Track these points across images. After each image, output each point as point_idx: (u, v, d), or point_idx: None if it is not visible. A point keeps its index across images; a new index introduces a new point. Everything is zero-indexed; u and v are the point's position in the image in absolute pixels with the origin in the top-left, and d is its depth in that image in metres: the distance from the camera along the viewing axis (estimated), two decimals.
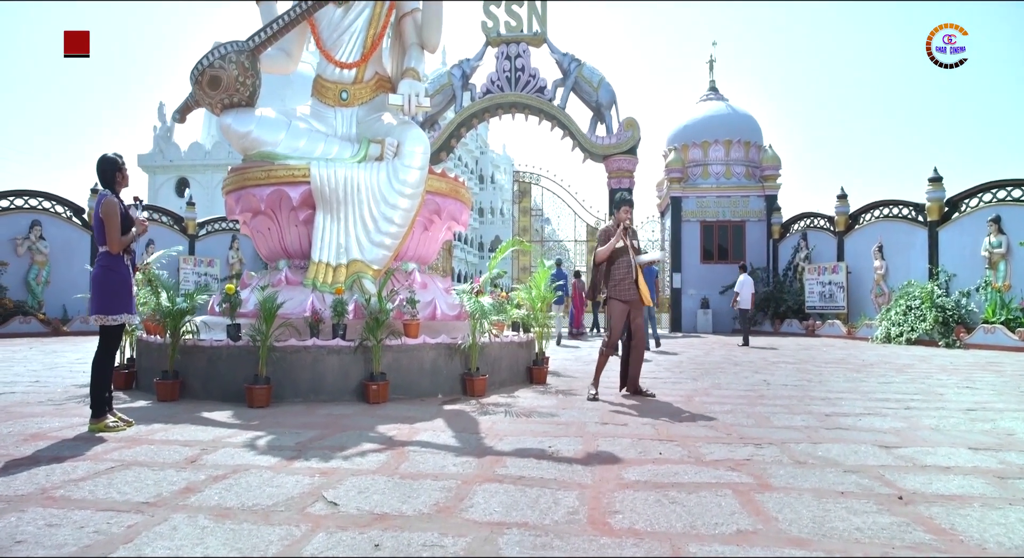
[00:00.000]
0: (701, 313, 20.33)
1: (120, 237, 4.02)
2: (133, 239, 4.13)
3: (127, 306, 4.06)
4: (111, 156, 4.17)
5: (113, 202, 4.03)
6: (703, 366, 8.37)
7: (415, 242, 6.74)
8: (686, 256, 20.52)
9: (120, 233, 4.02)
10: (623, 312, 5.40)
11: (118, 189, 4.19)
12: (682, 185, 20.33)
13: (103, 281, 4.01)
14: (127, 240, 4.07)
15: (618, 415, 4.56)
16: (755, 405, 5.02)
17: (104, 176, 4.14)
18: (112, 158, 4.17)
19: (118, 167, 4.17)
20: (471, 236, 65.34)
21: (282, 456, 3.22)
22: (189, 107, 6.85)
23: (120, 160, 4.21)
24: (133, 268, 4.19)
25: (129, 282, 4.09)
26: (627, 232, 5.53)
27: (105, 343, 4.03)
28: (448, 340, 5.58)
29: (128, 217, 4.12)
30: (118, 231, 4.01)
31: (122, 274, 4.07)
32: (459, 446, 3.50)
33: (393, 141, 6.28)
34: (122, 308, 4.03)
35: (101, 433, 3.81)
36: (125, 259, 4.10)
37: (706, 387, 6.12)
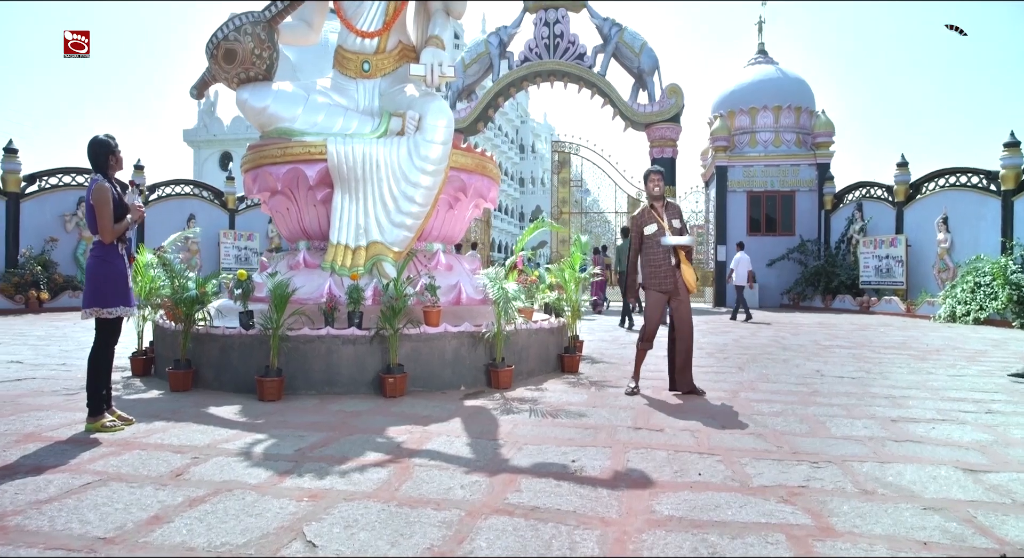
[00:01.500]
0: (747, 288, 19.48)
1: (113, 225, 3.73)
2: (128, 227, 3.84)
3: (123, 298, 3.80)
4: (103, 138, 3.87)
5: (105, 188, 3.74)
6: (750, 351, 7.82)
7: (439, 221, 6.35)
8: (732, 228, 19.64)
9: (113, 221, 3.73)
10: (660, 302, 4.90)
11: (111, 173, 3.90)
12: (728, 154, 19.34)
13: (97, 272, 3.76)
14: (121, 228, 3.78)
15: (654, 416, 4.13)
16: (808, 404, 4.51)
17: (96, 159, 3.85)
18: (104, 140, 3.87)
19: (111, 150, 3.87)
20: (511, 206, 64.87)
21: (275, 470, 2.93)
22: (206, 82, 6.56)
23: (112, 142, 3.90)
24: (129, 258, 3.92)
25: (125, 273, 3.83)
26: (666, 209, 4.99)
27: (101, 338, 3.79)
28: (471, 328, 5.22)
29: (122, 204, 3.84)
30: (111, 219, 3.72)
31: (117, 265, 3.80)
32: (472, 458, 3.15)
33: (415, 114, 5.85)
34: (118, 301, 3.77)
35: (97, 433, 3.60)
36: (120, 248, 3.82)
37: (752, 380, 5.61)
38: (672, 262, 4.87)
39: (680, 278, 4.86)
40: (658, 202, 5.00)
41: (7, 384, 5.29)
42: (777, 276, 19.51)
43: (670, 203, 5.07)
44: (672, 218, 4.99)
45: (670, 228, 4.92)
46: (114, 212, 3.74)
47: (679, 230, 4.97)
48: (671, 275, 4.84)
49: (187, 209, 19.83)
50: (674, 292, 4.86)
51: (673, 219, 4.99)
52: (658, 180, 4.97)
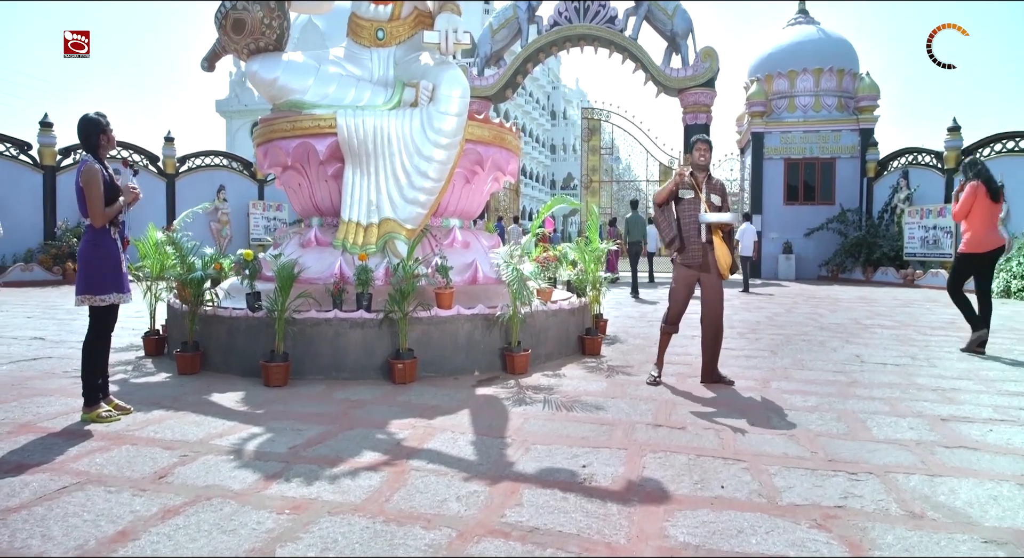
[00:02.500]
0: (783, 258, 18.83)
1: (104, 209, 3.54)
2: (120, 210, 3.64)
3: (116, 285, 3.63)
4: (92, 116, 3.65)
5: (95, 169, 3.53)
6: (784, 330, 7.41)
7: (456, 196, 6.06)
8: (768, 197, 18.87)
9: (104, 204, 3.53)
10: (687, 281, 4.54)
11: (102, 154, 3.69)
12: (764, 119, 18.46)
13: (88, 258, 3.59)
14: (112, 212, 3.59)
15: (677, 410, 3.84)
16: (847, 397, 4.16)
17: (87, 140, 3.64)
18: (94, 118, 3.65)
19: (101, 128, 3.65)
20: (542, 173, 64.07)
21: (263, 472, 2.75)
22: (217, 54, 6.33)
23: (103, 120, 3.68)
24: (123, 241, 3.74)
25: (117, 258, 3.65)
26: (708, 181, 4.58)
27: (95, 326, 3.65)
28: (486, 310, 4.97)
29: (113, 185, 3.63)
30: (101, 202, 3.52)
31: (109, 249, 3.62)
32: (473, 461, 2.92)
33: (428, 84, 5.52)
34: (110, 287, 3.60)
35: (93, 424, 3.48)
36: (112, 232, 3.64)
37: (786, 366, 5.25)
38: (704, 237, 4.49)
39: (712, 255, 4.49)
40: (701, 173, 4.59)
41: (22, 364, 5.26)
42: (815, 247, 18.76)
43: (714, 178, 4.66)
44: (713, 193, 4.57)
45: (708, 203, 4.51)
46: (104, 194, 3.54)
47: (717, 207, 4.57)
48: (701, 252, 4.47)
49: (217, 180, 19.91)
50: (703, 268, 4.50)
51: (713, 194, 4.57)
52: (705, 150, 4.53)
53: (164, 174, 19.25)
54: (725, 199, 4.61)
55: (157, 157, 19.21)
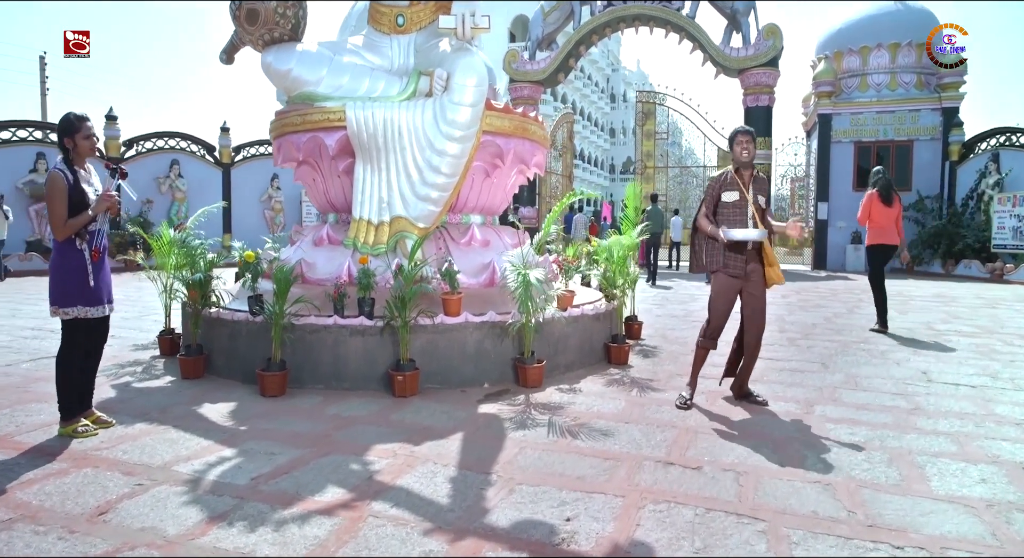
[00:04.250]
0: (851, 249, 17.53)
1: (66, 220, 3.25)
2: (87, 221, 3.31)
3: (80, 298, 3.35)
4: (64, 117, 3.37)
5: (55, 176, 3.25)
6: (842, 335, 6.69)
7: (475, 191, 5.68)
8: (835, 183, 17.58)
9: (64, 215, 3.24)
10: (728, 289, 3.99)
11: (76, 159, 3.38)
12: (833, 100, 17.13)
13: (52, 269, 3.37)
14: (76, 224, 3.28)
15: (697, 442, 3.36)
16: (905, 430, 3.57)
17: (59, 143, 3.38)
18: (63, 119, 3.36)
19: (68, 131, 3.33)
20: (601, 158, 62.94)
21: (210, 511, 2.48)
22: (235, 46, 6.16)
23: (75, 122, 3.34)
24: (93, 252, 3.37)
25: (81, 270, 3.34)
26: (754, 181, 4.02)
27: (64, 338, 3.42)
28: (496, 317, 4.59)
29: (80, 194, 3.32)
30: (62, 214, 3.24)
31: (72, 262, 3.33)
32: (444, 505, 2.57)
33: (442, 73, 5.14)
34: (74, 300, 3.34)
35: (70, 437, 3.33)
36: (78, 243, 3.32)
37: (836, 384, 4.64)
38: (749, 244, 3.95)
39: (755, 265, 3.95)
40: (746, 170, 4.03)
41: (41, 363, 5.28)
42: None
43: (760, 175, 4.08)
44: (758, 193, 4.02)
45: (754, 204, 3.96)
46: (71, 203, 3.26)
47: (763, 210, 4.03)
48: (744, 260, 3.94)
49: (271, 169, 20.25)
50: (746, 278, 3.97)
51: (759, 194, 4.03)
52: (746, 143, 3.93)
53: (220, 163, 19.74)
54: (769, 199, 4.06)
55: (213, 147, 19.69)
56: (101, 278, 3.46)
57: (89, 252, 3.37)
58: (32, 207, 16.13)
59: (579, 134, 55.70)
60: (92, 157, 3.52)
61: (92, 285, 3.38)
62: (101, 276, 3.46)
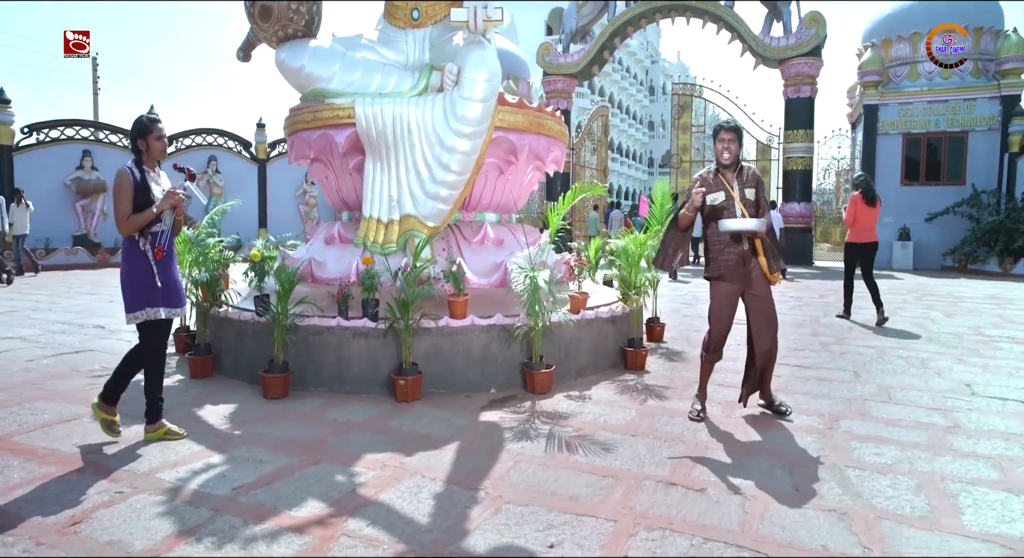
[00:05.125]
0: (899, 246, 16.75)
1: (131, 217, 3.18)
2: (149, 219, 3.22)
3: (149, 299, 3.28)
4: (137, 119, 3.31)
5: (123, 173, 3.21)
6: (879, 340, 6.30)
7: (489, 189, 5.54)
8: (882, 177, 16.77)
9: (128, 212, 3.18)
10: (727, 299, 3.75)
11: (147, 161, 3.33)
12: (880, 90, 16.34)
13: (121, 276, 3.32)
14: (139, 221, 3.19)
15: (704, 460, 3.14)
16: (939, 451, 3.27)
17: (132, 144, 3.34)
18: (136, 121, 3.30)
19: (140, 132, 3.28)
20: (639, 151, 62.07)
21: (182, 524, 2.40)
22: (252, 44, 6.12)
23: (149, 124, 3.29)
24: (156, 251, 3.29)
25: (146, 271, 3.27)
26: (739, 175, 3.76)
27: (140, 340, 3.40)
28: (503, 320, 4.43)
29: (145, 191, 3.24)
30: (126, 210, 3.18)
31: (137, 263, 3.27)
32: (423, 525, 2.43)
33: (453, 67, 4.99)
34: (142, 302, 3.27)
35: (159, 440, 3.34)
36: (141, 243, 3.25)
37: (867, 396, 4.33)
38: (744, 246, 3.69)
39: (755, 267, 3.70)
40: (729, 170, 3.77)
41: (62, 358, 5.37)
42: (939, 233, 16.53)
43: (746, 168, 3.80)
44: (745, 187, 3.73)
45: (741, 200, 3.70)
46: (135, 201, 3.20)
47: (753, 204, 3.74)
48: (740, 263, 3.68)
49: None
50: (747, 284, 3.72)
51: (746, 188, 3.73)
52: (729, 141, 3.68)
53: (256, 159, 20.08)
54: (761, 192, 3.76)
55: (249, 143, 20.04)
56: (169, 280, 3.36)
57: (152, 251, 3.28)
58: (78, 203, 16.69)
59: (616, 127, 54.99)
60: (163, 158, 3.49)
61: (159, 285, 3.29)
62: (169, 278, 3.37)
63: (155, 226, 3.30)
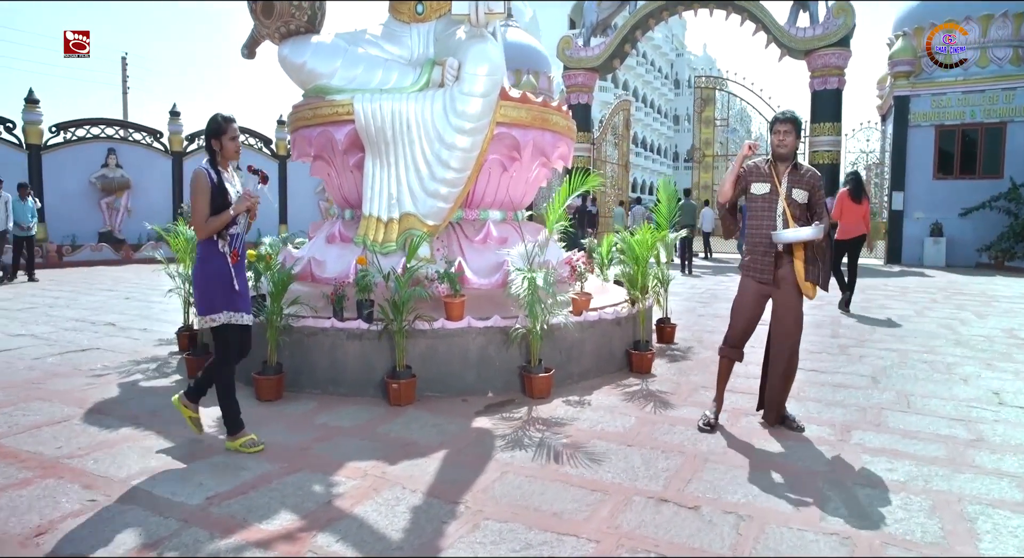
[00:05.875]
0: (931, 242, 16.16)
1: (208, 218, 3.09)
2: (226, 221, 3.13)
3: (226, 302, 3.19)
4: (212, 118, 3.21)
5: (199, 174, 3.11)
6: (903, 343, 6.01)
7: (492, 186, 5.40)
8: (913, 171, 16.23)
9: (206, 214, 3.09)
10: (754, 298, 3.53)
11: (219, 159, 3.22)
12: (911, 80, 15.76)
13: (196, 278, 3.24)
14: (216, 223, 3.10)
15: (703, 474, 2.97)
16: (959, 468, 3.05)
17: (206, 143, 3.27)
18: (211, 120, 3.21)
19: (215, 132, 3.18)
20: (664, 145, 61.36)
21: (145, 538, 2.33)
22: (256, 40, 6.07)
23: (224, 123, 3.19)
24: (232, 254, 3.19)
25: (224, 274, 3.18)
26: (791, 173, 3.48)
27: (218, 349, 3.31)
28: (501, 322, 4.30)
29: (222, 193, 3.15)
30: (203, 211, 3.08)
31: (214, 266, 3.17)
32: (394, 542, 2.31)
33: (454, 62, 4.86)
34: (220, 306, 3.18)
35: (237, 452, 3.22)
36: (220, 245, 3.16)
37: (884, 404, 4.10)
38: (778, 246, 3.47)
39: (787, 271, 3.48)
40: (783, 163, 3.51)
41: (67, 356, 5.38)
42: (973, 229, 15.90)
43: (806, 169, 3.53)
44: (795, 186, 3.46)
45: (787, 200, 3.45)
46: (213, 202, 3.10)
47: (801, 206, 3.46)
48: (771, 263, 3.46)
49: None
50: (776, 285, 3.50)
51: (796, 188, 3.45)
52: (784, 133, 3.43)
53: (277, 155, 20.22)
54: (815, 195, 3.48)
55: (270, 139, 20.20)
56: (243, 284, 3.29)
57: (229, 253, 3.20)
58: (103, 200, 16.96)
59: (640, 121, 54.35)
60: (236, 159, 3.42)
61: (236, 288, 3.22)
62: (243, 282, 3.30)
63: (231, 228, 3.20)
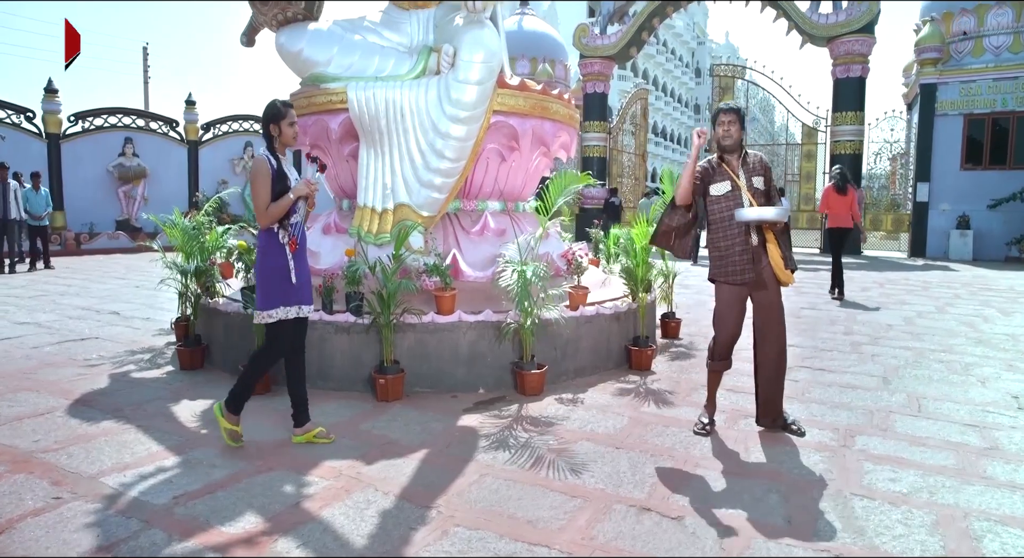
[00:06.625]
0: (957, 234, 15.68)
1: (271, 206, 3.00)
2: (287, 207, 3.04)
3: (284, 296, 3.10)
4: (270, 104, 3.13)
5: (260, 162, 3.05)
6: (920, 341, 5.76)
7: (491, 176, 5.25)
8: (939, 161, 15.71)
9: (268, 202, 2.99)
10: (735, 304, 3.37)
11: (277, 146, 3.14)
12: (938, 68, 15.21)
13: (258, 269, 3.15)
14: (277, 210, 3.01)
15: (690, 481, 2.83)
16: (969, 479, 2.86)
17: (264, 129, 3.16)
18: (269, 106, 3.12)
19: (273, 118, 3.10)
20: (685, 135, 60.61)
21: (102, 540, 2.25)
22: (255, 28, 5.98)
23: (283, 108, 3.11)
24: (291, 242, 3.11)
25: (282, 266, 3.09)
26: (743, 163, 3.37)
27: (267, 339, 3.21)
28: (493, 316, 4.17)
29: (282, 180, 3.07)
30: (265, 198, 2.99)
31: (274, 258, 3.08)
32: (358, 549, 2.21)
33: (449, 48, 4.72)
34: (276, 300, 3.08)
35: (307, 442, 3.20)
36: (281, 235, 3.08)
37: (892, 408, 3.90)
38: (753, 240, 3.31)
39: (764, 263, 3.32)
40: (732, 155, 3.39)
41: (64, 345, 5.38)
42: (1003, 221, 15.36)
43: (751, 154, 3.43)
44: (753, 175, 3.35)
45: (749, 189, 3.33)
46: (273, 190, 3.02)
47: (763, 194, 3.37)
48: (750, 260, 3.31)
49: None
50: (756, 284, 3.34)
51: (754, 176, 3.35)
52: (729, 123, 3.31)
53: None
54: (770, 180, 3.40)
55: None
56: (302, 275, 3.21)
57: (288, 243, 3.11)
58: (120, 188, 17.11)
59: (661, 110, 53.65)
60: (294, 145, 3.34)
61: (294, 282, 3.14)
62: (303, 272, 3.22)
63: (291, 217, 3.12)
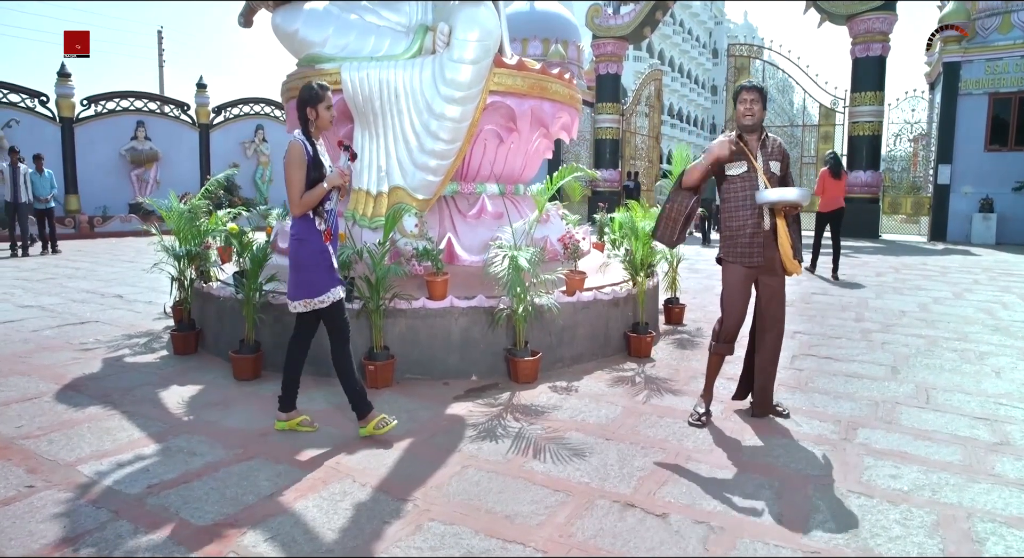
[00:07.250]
0: (980, 218, 15.22)
1: (304, 193, 2.91)
2: (321, 196, 2.94)
3: (331, 280, 3.03)
4: (306, 86, 3.03)
5: (296, 146, 2.93)
6: (933, 328, 5.57)
7: (489, 158, 5.12)
8: (962, 142, 15.22)
9: (302, 189, 2.90)
10: (744, 284, 3.26)
11: (314, 131, 3.05)
12: (963, 45, 14.68)
13: (292, 257, 3.03)
14: (311, 198, 2.92)
15: (679, 475, 2.72)
16: (975, 477, 2.72)
17: (300, 113, 3.05)
18: (305, 89, 3.02)
19: (310, 100, 3.00)
20: (701, 117, 59.71)
21: (69, 530, 2.21)
22: (252, 9, 5.86)
23: (320, 91, 3.01)
24: (326, 234, 3.03)
25: (324, 250, 3.01)
26: (763, 145, 3.26)
27: (297, 325, 3.20)
28: (485, 302, 4.07)
29: (318, 167, 2.98)
30: (299, 185, 2.89)
31: (314, 243, 2.99)
32: (326, 544, 2.14)
33: (445, 27, 4.58)
34: (325, 285, 3.01)
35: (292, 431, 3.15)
36: (317, 223, 2.99)
37: (900, 399, 3.75)
38: (766, 223, 3.19)
39: (773, 248, 3.19)
40: (751, 135, 3.27)
41: (63, 329, 5.38)
42: None
43: (771, 138, 3.31)
44: (770, 159, 3.25)
45: (765, 173, 3.20)
46: (308, 177, 2.92)
47: (779, 179, 3.25)
48: (760, 243, 3.18)
49: None
50: (765, 268, 3.22)
51: (771, 160, 3.25)
52: (751, 101, 3.18)
53: None
54: (787, 166, 3.30)
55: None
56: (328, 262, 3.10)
57: (324, 231, 3.02)
58: (133, 172, 17.18)
59: (677, 92, 52.80)
60: (329, 129, 3.27)
61: (336, 266, 3.09)
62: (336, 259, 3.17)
63: (326, 204, 3.02)
